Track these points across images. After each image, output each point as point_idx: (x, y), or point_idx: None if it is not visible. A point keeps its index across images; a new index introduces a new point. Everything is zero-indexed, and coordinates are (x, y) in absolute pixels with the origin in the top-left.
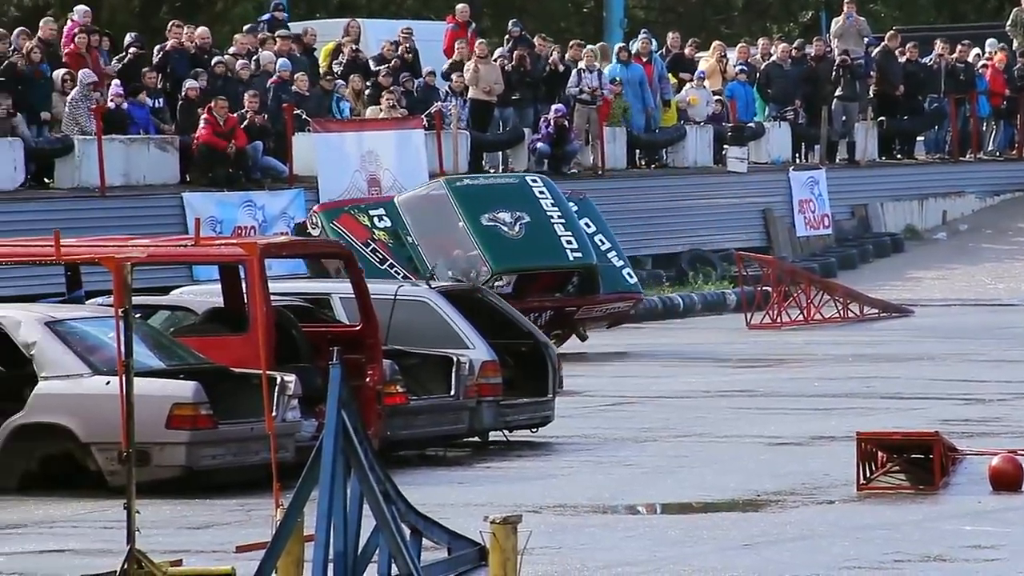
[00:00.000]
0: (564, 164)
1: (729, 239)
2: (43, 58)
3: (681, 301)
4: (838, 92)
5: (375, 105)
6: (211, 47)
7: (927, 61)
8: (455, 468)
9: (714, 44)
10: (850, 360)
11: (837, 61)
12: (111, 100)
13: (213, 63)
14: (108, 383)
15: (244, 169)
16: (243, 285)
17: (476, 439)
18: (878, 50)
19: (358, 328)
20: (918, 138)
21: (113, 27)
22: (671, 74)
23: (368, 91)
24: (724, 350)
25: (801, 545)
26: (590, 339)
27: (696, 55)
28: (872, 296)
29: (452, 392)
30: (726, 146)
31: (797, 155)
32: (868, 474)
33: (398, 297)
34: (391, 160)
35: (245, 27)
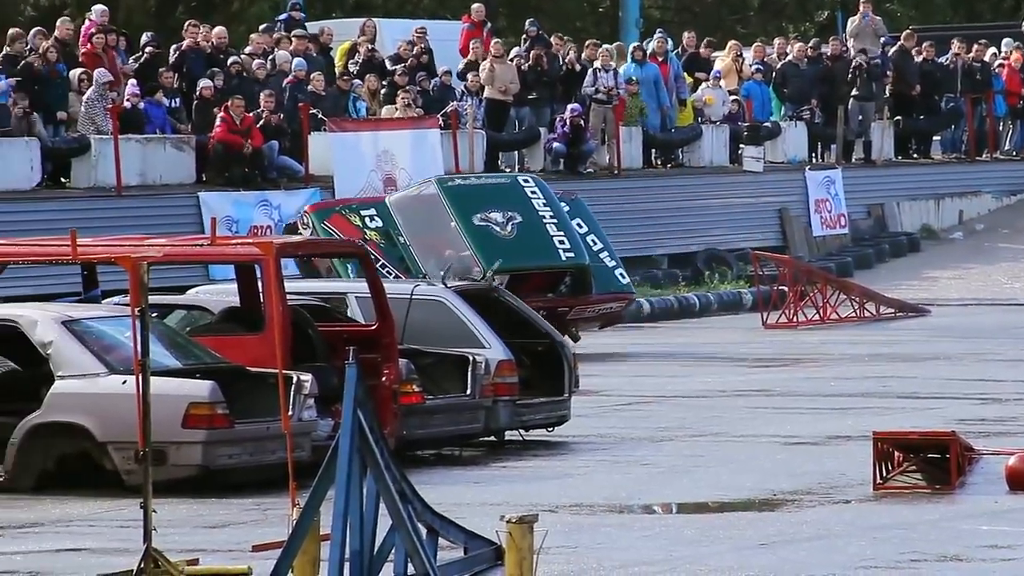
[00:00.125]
0: (580, 164)
1: (745, 239)
2: (59, 58)
3: (697, 301)
4: (854, 92)
5: (391, 104)
6: (227, 47)
7: (943, 61)
8: (471, 467)
9: (730, 43)
10: (866, 360)
11: (854, 61)
12: (127, 100)
13: (229, 63)
14: (124, 382)
15: (260, 169)
16: (259, 284)
17: (492, 438)
18: (894, 49)
19: (374, 327)
20: (934, 138)
21: (129, 27)
22: (687, 73)
23: (384, 90)
24: (740, 350)
25: (817, 545)
26: (602, 339)
27: (712, 55)
28: (888, 296)
29: (468, 391)
30: (742, 145)
31: (813, 155)
32: (884, 474)
33: (414, 296)
34: (407, 160)
35: (261, 27)
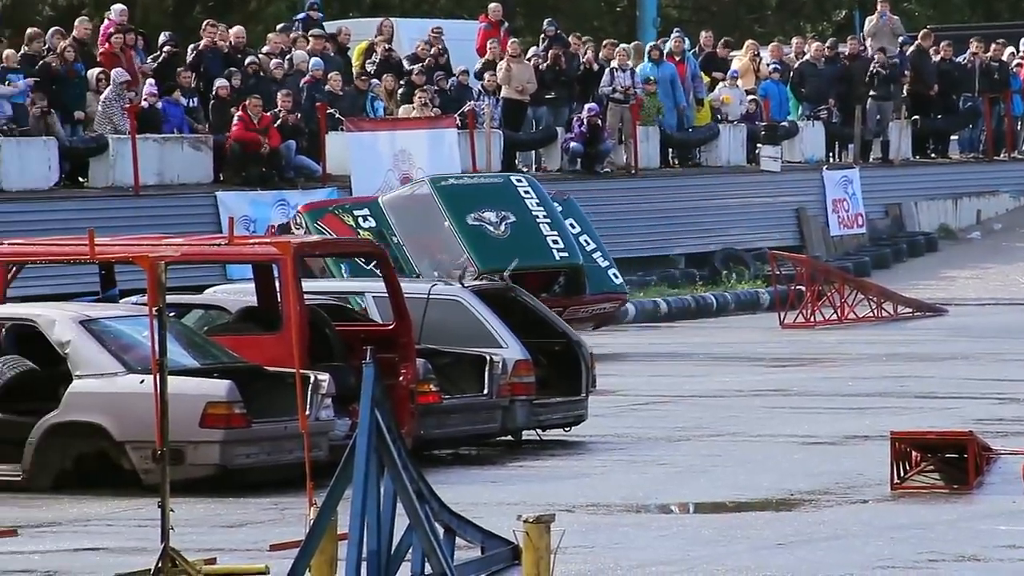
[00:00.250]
0: (597, 163)
1: (762, 238)
2: (77, 57)
3: (714, 300)
4: (872, 91)
5: (408, 104)
6: (245, 46)
7: (961, 60)
8: (488, 467)
9: (747, 43)
10: (884, 359)
11: (873, 60)
12: (145, 99)
13: (246, 62)
14: (142, 382)
15: (277, 168)
16: (276, 284)
17: (509, 438)
18: (912, 49)
19: (391, 327)
20: (952, 137)
21: (146, 26)
22: (704, 73)
23: (401, 90)
24: (757, 349)
25: (835, 544)
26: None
27: (729, 54)
28: (906, 295)
29: (485, 391)
30: (759, 145)
31: (831, 154)
32: (902, 474)
33: (431, 296)
34: (424, 159)
35: (278, 26)
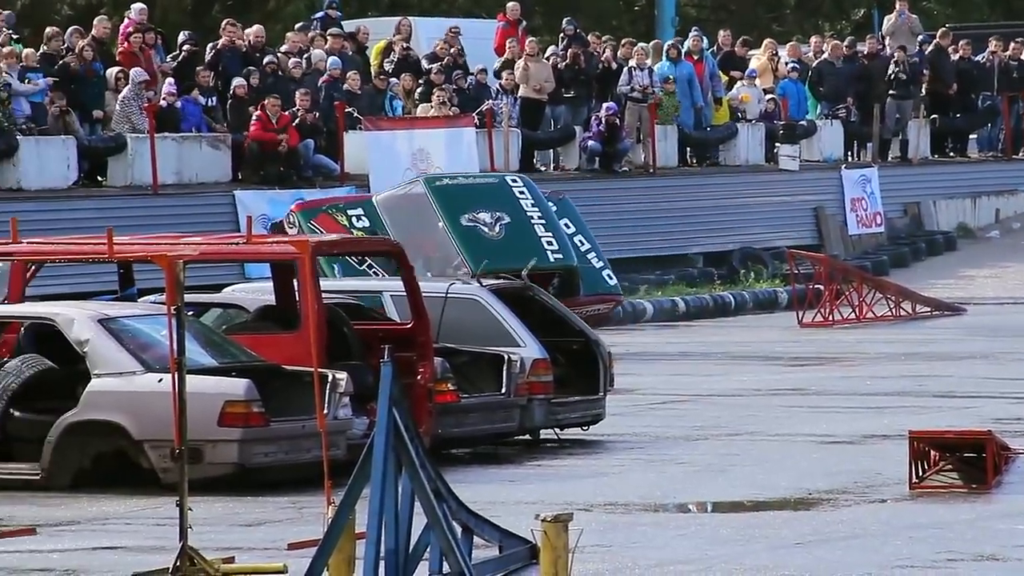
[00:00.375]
0: (615, 162)
1: (781, 237)
2: (96, 56)
3: (732, 299)
4: (892, 90)
5: (426, 103)
6: (263, 45)
7: (980, 59)
8: (506, 466)
9: (766, 42)
10: (902, 358)
11: (894, 59)
12: (164, 99)
13: (265, 61)
14: (160, 380)
15: (296, 167)
16: (295, 283)
17: (527, 437)
18: (930, 48)
19: (409, 326)
20: (971, 136)
21: (165, 26)
22: (722, 72)
23: (420, 89)
24: (775, 348)
25: (853, 544)
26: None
27: (747, 53)
28: (924, 294)
29: (503, 390)
30: (778, 144)
31: (849, 153)
32: (920, 473)
33: (449, 295)
34: (442, 158)
35: (297, 25)
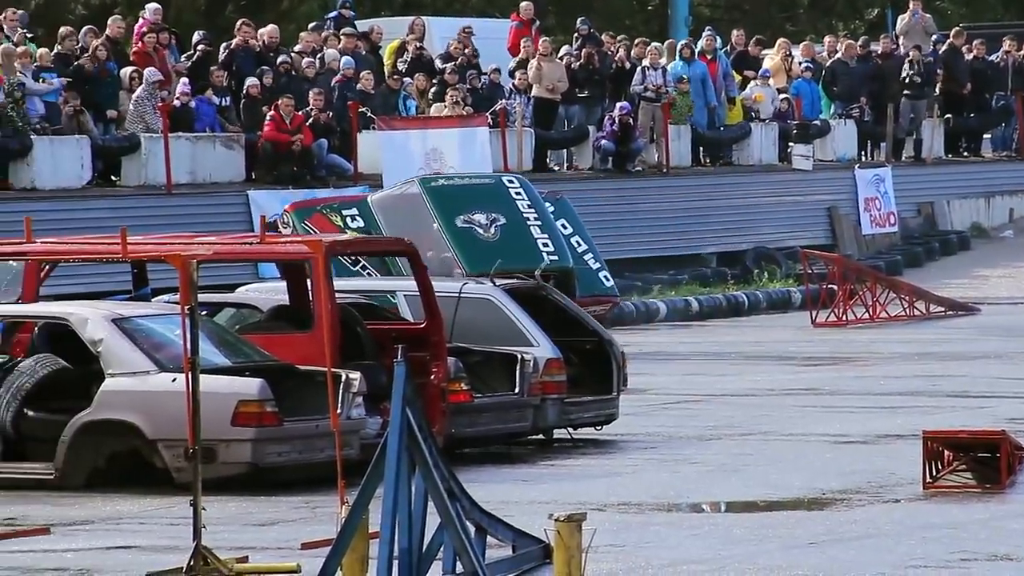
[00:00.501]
0: (629, 162)
1: (794, 237)
2: (110, 56)
3: (746, 299)
4: (906, 90)
5: (440, 103)
6: (277, 45)
7: (994, 58)
8: (519, 466)
9: (779, 41)
10: (916, 358)
11: (910, 57)
12: (177, 98)
13: (278, 61)
14: (174, 380)
15: (309, 167)
16: (308, 283)
17: (540, 437)
18: (944, 47)
19: (423, 326)
20: (984, 136)
21: (179, 26)
22: (736, 71)
23: (433, 89)
24: (789, 348)
25: (867, 544)
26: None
27: (761, 52)
28: (938, 294)
29: (516, 390)
30: (791, 144)
31: (863, 153)
32: (934, 473)
33: (463, 295)
34: (455, 158)
35: (310, 25)
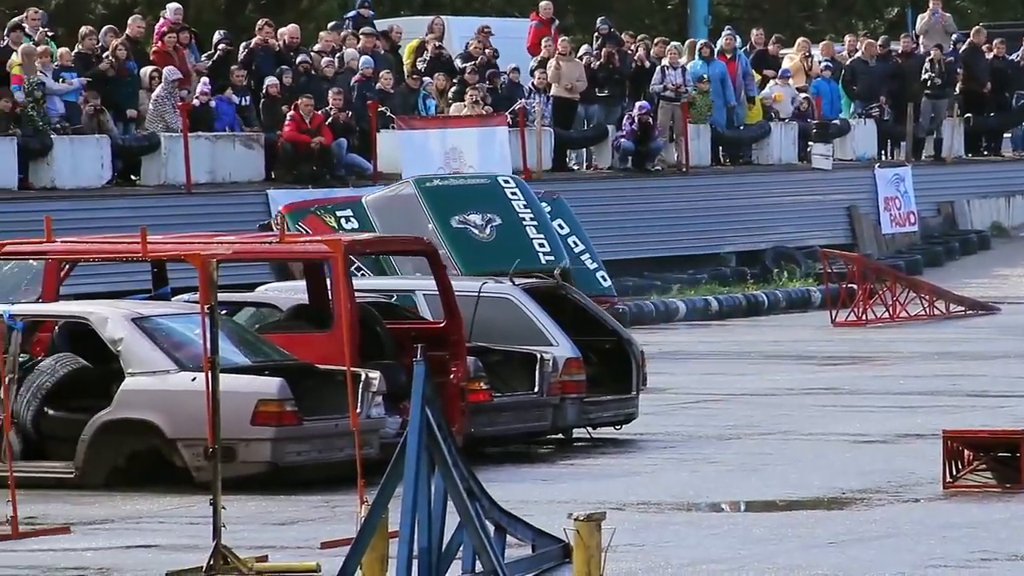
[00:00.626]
0: (648, 161)
1: (814, 236)
2: (129, 55)
3: (765, 298)
4: (927, 89)
5: (459, 102)
6: (298, 45)
7: (1014, 58)
8: (539, 465)
9: (799, 41)
10: (936, 358)
11: (931, 57)
12: (197, 98)
13: (298, 61)
14: (194, 379)
15: (329, 166)
16: (327, 282)
17: (560, 436)
18: (964, 47)
19: (442, 325)
20: (1005, 135)
21: (199, 25)
22: (755, 71)
23: (453, 88)
24: (809, 348)
25: (887, 543)
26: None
27: (780, 52)
28: (958, 293)
29: (536, 389)
30: (811, 143)
31: (883, 152)
32: (954, 472)
33: (482, 294)
34: (475, 157)
35: (330, 24)
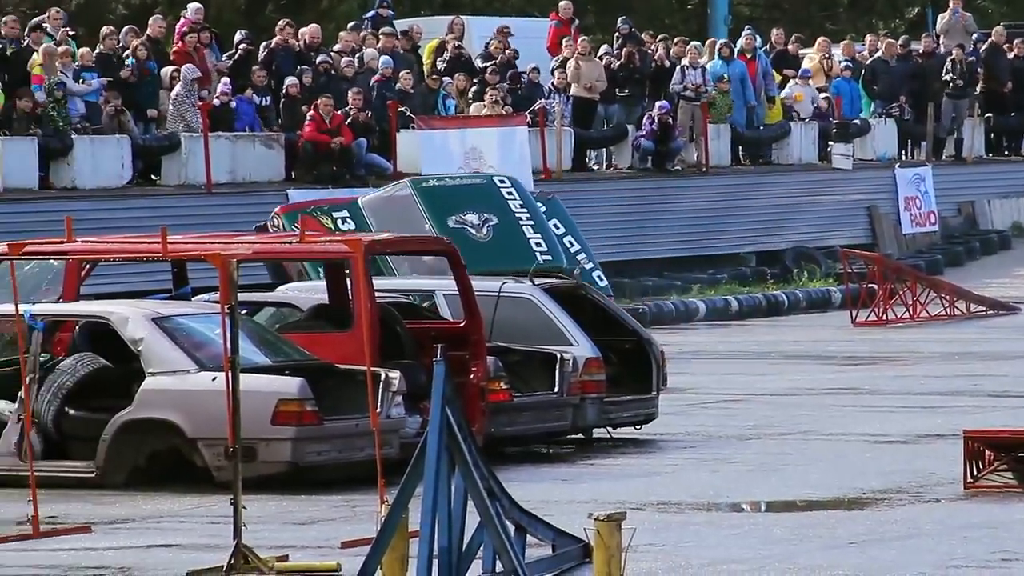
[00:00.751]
0: (668, 161)
1: (834, 236)
2: (150, 55)
3: (785, 298)
4: (948, 89)
5: (479, 102)
6: (319, 45)
7: None
8: (559, 465)
9: (819, 40)
10: (956, 358)
11: (952, 57)
12: (217, 97)
13: (318, 61)
14: (214, 379)
15: (348, 166)
16: (348, 282)
17: (580, 436)
18: (985, 46)
19: (462, 325)
20: None
21: (219, 25)
22: (775, 71)
23: (473, 88)
24: (829, 348)
25: (908, 544)
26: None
27: (800, 51)
28: (979, 293)
29: (556, 389)
30: (831, 143)
31: (903, 152)
32: (975, 472)
33: (502, 294)
34: (494, 157)
35: (349, 24)
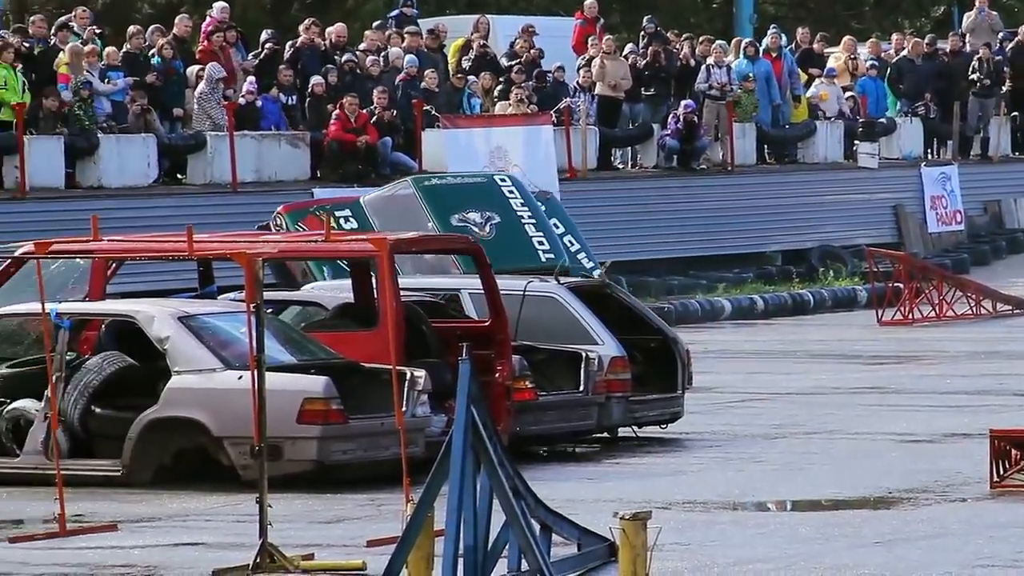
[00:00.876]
0: (693, 160)
1: (860, 235)
2: (176, 55)
3: (811, 297)
4: (974, 88)
5: (504, 101)
6: (345, 44)
7: None
8: (584, 464)
9: (845, 39)
10: (983, 357)
11: (979, 55)
12: (243, 96)
13: (343, 60)
14: (240, 378)
15: (374, 165)
16: (373, 280)
17: (605, 435)
18: (1012, 45)
19: (487, 324)
20: None
21: (245, 24)
22: (801, 69)
23: (500, 87)
24: (855, 347)
25: (934, 543)
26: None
27: (826, 50)
28: (1005, 292)
29: (581, 388)
30: (857, 142)
31: (929, 151)
32: (1001, 472)
33: (527, 293)
34: (520, 156)
35: (375, 23)
